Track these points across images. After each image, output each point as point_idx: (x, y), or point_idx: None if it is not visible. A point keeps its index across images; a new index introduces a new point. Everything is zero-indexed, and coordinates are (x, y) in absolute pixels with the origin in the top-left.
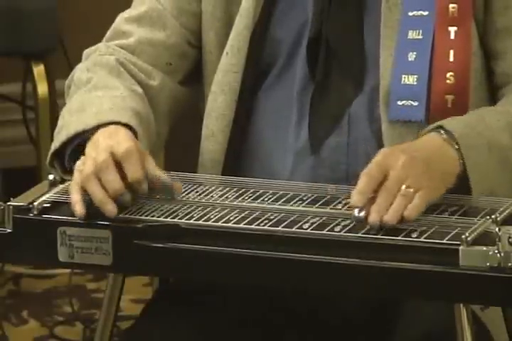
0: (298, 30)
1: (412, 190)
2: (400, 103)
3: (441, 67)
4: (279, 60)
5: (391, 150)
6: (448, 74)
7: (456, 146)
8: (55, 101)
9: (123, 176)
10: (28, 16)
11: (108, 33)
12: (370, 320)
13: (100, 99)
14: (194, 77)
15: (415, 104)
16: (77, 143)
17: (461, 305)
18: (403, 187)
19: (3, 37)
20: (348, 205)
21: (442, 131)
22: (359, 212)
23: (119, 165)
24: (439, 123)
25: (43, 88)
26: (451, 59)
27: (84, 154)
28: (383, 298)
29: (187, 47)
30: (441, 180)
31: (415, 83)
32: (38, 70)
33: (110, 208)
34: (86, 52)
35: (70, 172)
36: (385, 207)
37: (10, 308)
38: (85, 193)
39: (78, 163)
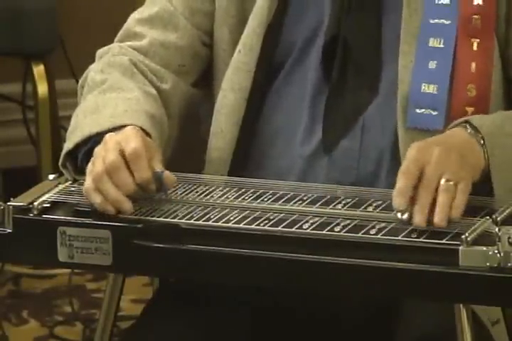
0: (312, 30)
1: (452, 182)
2: (418, 111)
3: (462, 79)
4: (291, 59)
5: (424, 143)
6: (469, 86)
7: (482, 141)
8: (55, 101)
9: (132, 175)
10: (28, 16)
11: (120, 34)
12: (369, 320)
13: (115, 101)
14: (207, 77)
15: (435, 113)
16: (91, 146)
17: (461, 305)
18: (443, 181)
19: (3, 37)
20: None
21: (468, 126)
22: (402, 215)
23: (128, 164)
24: (466, 118)
25: (43, 88)
26: (473, 71)
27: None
28: (382, 299)
29: (200, 47)
30: (472, 171)
31: (436, 92)
32: (38, 70)
33: (127, 206)
34: (99, 52)
35: (83, 172)
36: (427, 205)
37: (10, 308)
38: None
39: (89, 165)
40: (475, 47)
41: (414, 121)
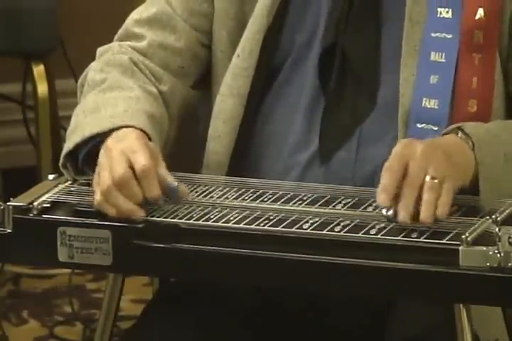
0: (308, 36)
1: (436, 180)
2: (419, 126)
3: (463, 94)
4: (286, 65)
5: (409, 140)
6: (470, 102)
7: (472, 147)
8: (55, 101)
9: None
10: (28, 16)
11: (119, 33)
12: (362, 320)
13: (115, 100)
14: (206, 79)
15: (435, 128)
16: (91, 146)
17: (461, 305)
18: (427, 178)
19: (3, 37)
20: (376, 205)
21: (460, 133)
22: (387, 211)
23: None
24: (458, 124)
25: (43, 88)
26: (474, 86)
27: (97, 157)
28: (377, 299)
29: (199, 49)
30: (460, 171)
31: (436, 107)
32: (38, 70)
33: (141, 214)
34: (99, 50)
35: (83, 173)
36: (411, 202)
37: (10, 308)
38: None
39: (95, 177)
40: (476, 62)
41: (415, 136)
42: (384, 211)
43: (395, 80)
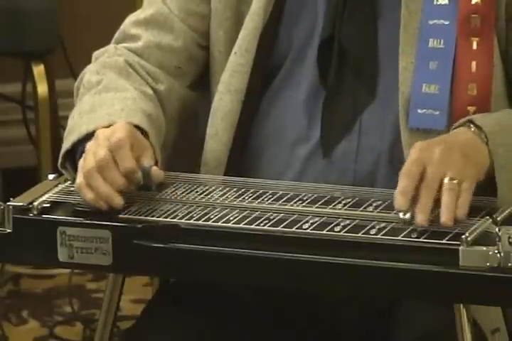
0: (307, 32)
1: (455, 181)
2: (420, 111)
3: (463, 78)
4: (287, 62)
5: (426, 143)
6: (470, 85)
7: (485, 140)
8: (55, 101)
9: None
10: (28, 16)
11: (116, 35)
12: (367, 321)
13: (111, 100)
14: (203, 80)
15: (436, 113)
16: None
17: (461, 305)
18: (446, 180)
19: (3, 37)
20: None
21: (472, 125)
22: (404, 214)
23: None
24: (468, 117)
25: (43, 88)
26: (474, 70)
27: None
28: (380, 299)
29: (196, 50)
30: (476, 169)
31: (437, 92)
32: (38, 70)
33: (117, 201)
34: (95, 54)
35: None
36: (429, 205)
37: (10, 308)
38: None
39: (81, 161)
40: (475, 47)
41: (416, 122)
42: (401, 214)
43: (393, 69)
